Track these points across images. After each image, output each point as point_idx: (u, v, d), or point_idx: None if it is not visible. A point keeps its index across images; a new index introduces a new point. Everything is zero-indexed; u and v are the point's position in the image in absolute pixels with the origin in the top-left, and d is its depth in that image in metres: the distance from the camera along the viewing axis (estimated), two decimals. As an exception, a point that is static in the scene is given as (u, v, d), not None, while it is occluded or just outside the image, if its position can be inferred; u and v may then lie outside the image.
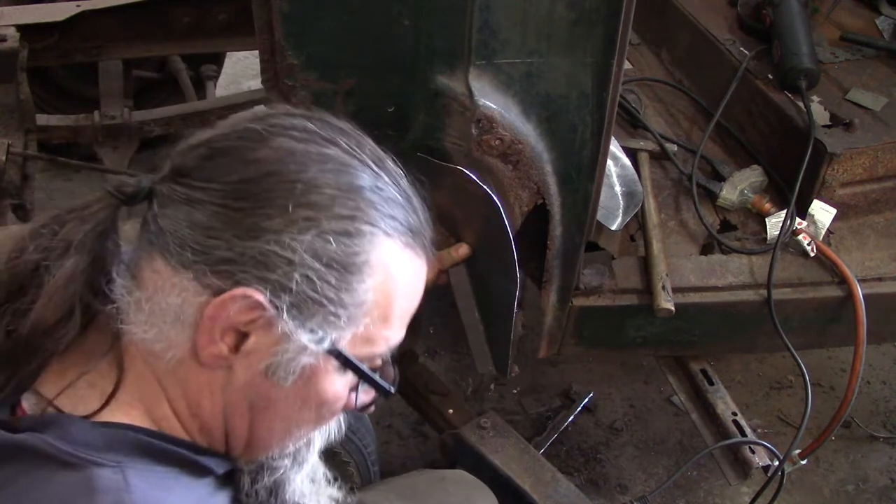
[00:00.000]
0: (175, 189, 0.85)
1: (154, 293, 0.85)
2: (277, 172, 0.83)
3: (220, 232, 0.83)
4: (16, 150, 2.18)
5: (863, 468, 2.56)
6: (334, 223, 0.83)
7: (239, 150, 0.85)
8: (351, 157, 0.87)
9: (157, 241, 0.85)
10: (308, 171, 0.84)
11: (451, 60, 1.40)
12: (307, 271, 0.82)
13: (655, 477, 2.50)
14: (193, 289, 0.84)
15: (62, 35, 2.55)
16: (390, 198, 0.88)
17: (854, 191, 1.97)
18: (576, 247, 1.63)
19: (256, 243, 0.82)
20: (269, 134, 0.86)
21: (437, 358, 2.82)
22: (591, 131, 1.47)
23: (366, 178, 0.87)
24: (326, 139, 0.87)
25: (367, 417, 1.94)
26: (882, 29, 2.35)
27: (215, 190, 0.83)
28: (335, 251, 0.83)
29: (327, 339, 0.86)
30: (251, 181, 0.83)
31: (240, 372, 0.87)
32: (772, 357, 2.84)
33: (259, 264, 0.82)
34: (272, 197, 0.82)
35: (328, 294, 0.84)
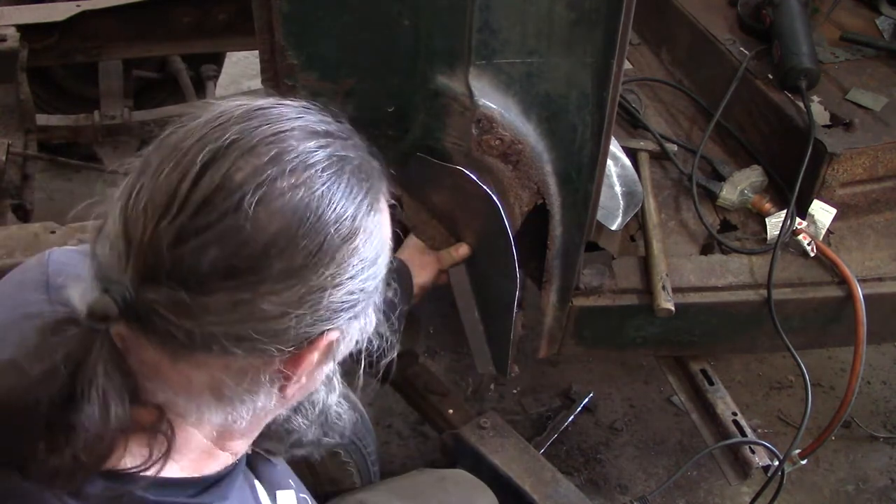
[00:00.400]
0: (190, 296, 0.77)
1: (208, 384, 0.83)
2: (304, 234, 0.79)
3: (280, 313, 0.80)
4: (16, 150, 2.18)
5: (863, 468, 2.56)
6: (367, 232, 0.84)
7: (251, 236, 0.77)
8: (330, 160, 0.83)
9: (189, 343, 0.79)
10: (325, 212, 0.80)
11: (451, 60, 1.40)
12: (362, 285, 0.85)
13: (655, 477, 2.50)
14: (263, 363, 0.83)
15: (62, 35, 2.55)
16: (362, 163, 0.86)
17: (854, 191, 1.97)
18: (576, 247, 1.63)
19: (322, 301, 0.81)
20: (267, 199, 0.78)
21: (437, 358, 2.82)
22: (591, 131, 1.47)
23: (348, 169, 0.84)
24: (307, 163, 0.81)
25: (367, 417, 1.94)
26: (882, 29, 2.35)
27: (255, 285, 0.78)
28: (370, 252, 0.85)
29: (371, 314, 0.91)
30: (288, 258, 0.79)
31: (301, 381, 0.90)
32: (772, 357, 2.84)
33: (328, 313, 0.83)
34: (315, 257, 0.80)
35: (373, 286, 0.88)
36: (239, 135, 0.80)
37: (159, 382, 0.83)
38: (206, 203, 0.77)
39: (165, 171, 0.79)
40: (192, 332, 0.78)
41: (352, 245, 0.82)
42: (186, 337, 0.79)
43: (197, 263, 0.77)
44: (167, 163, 0.79)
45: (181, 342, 0.79)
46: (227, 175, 0.77)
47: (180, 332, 0.78)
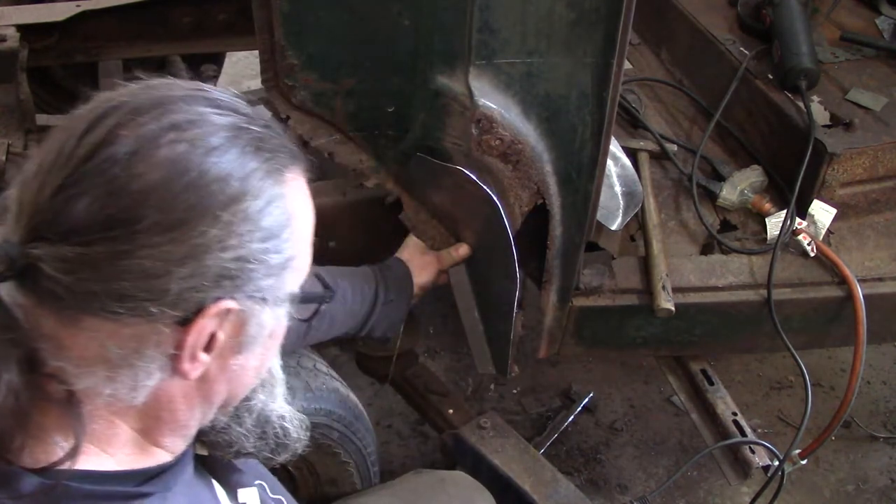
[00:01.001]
0: (74, 252, 0.77)
1: (101, 355, 0.81)
2: (185, 187, 0.78)
3: (162, 272, 0.78)
4: (16, 150, 2.18)
5: (863, 468, 2.56)
6: (258, 200, 0.82)
7: (126, 185, 0.77)
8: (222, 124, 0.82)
9: (74, 305, 0.78)
10: (208, 168, 0.79)
11: (451, 60, 1.40)
12: (258, 256, 0.82)
13: (655, 477, 2.50)
14: (151, 330, 0.81)
15: (62, 35, 2.55)
16: (266, 137, 0.85)
17: (854, 191, 1.97)
18: (576, 247, 1.63)
19: (206, 261, 0.79)
20: (145, 151, 0.78)
21: (437, 358, 2.82)
22: (591, 131, 1.47)
23: (245, 137, 0.83)
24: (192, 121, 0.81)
25: (367, 418, 1.94)
26: (882, 29, 2.35)
27: (133, 235, 0.77)
28: (269, 224, 0.83)
29: (283, 297, 0.88)
30: (168, 210, 0.77)
31: (213, 366, 0.87)
32: (772, 357, 2.84)
33: (218, 277, 0.80)
34: (196, 212, 0.78)
35: (277, 262, 0.85)
36: (130, 97, 0.82)
37: (59, 355, 0.81)
38: (88, 157, 0.78)
39: (56, 136, 0.81)
40: (74, 289, 0.77)
41: (239, 207, 0.80)
42: (70, 295, 0.78)
43: (74, 214, 0.77)
44: (60, 130, 0.81)
45: (67, 303, 0.78)
46: (112, 131, 0.79)
47: (64, 290, 0.78)
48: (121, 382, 0.82)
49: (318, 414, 1.75)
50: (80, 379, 0.81)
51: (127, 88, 0.84)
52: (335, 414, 1.81)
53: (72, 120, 0.82)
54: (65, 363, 0.81)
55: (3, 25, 2.35)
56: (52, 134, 0.82)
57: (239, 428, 1.02)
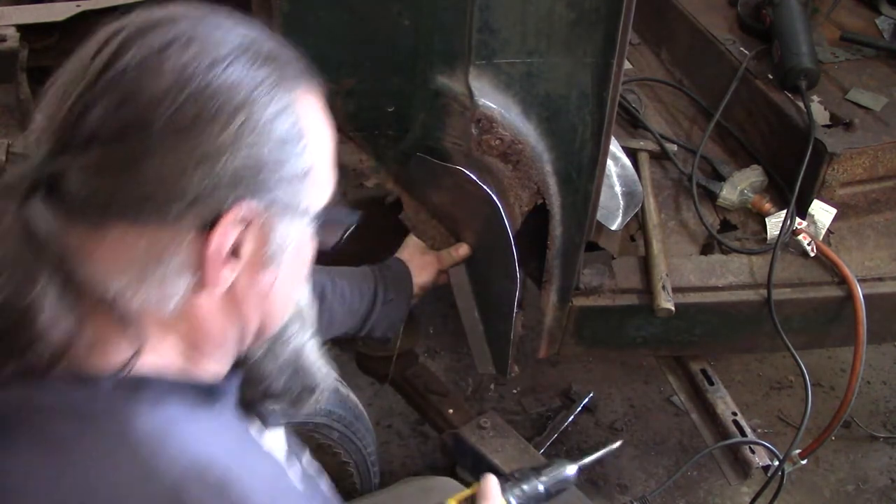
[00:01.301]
0: (94, 157, 0.81)
1: (128, 260, 0.84)
2: (194, 93, 0.81)
3: (178, 173, 0.81)
4: (16, 151, 2.18)
5: (863, 468, 2.56)
6: (268, 108, 0.84)
7: (137, 92, 0.81)
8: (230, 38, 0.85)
9: (99, 212, 0.82)
10: (216, 75, 0.82)
11: (451, 60, 1.40)
12: (272, 164, 0.85)
13: (655, 477, 2.50)
14: (173, 235, 0.83)
15: (62, 35, 2.54)
16: (276, 53, 0.88)
17: (854, 191, 1.97)
18: (576, 247, 1.63)
19: (221, 164, 0.82)
20: (152, 61, 0.82)
21: (437, 358, 2.82)
22: (591, 131, 1.47)
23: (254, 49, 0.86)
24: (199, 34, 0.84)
25: (367, 417, 1.94)
26: (882, 29, 2.35)
27: (148, 139, 0.80)
28: (280, 132, 0.85)
29: (307, 208, 0.90)
30: (177, 114, 0.80)
31: (243, 280, 0.89)
32: (772, 357, 2.84)
33: (233, 181, 0.83)
34: (205, 116, 0.81)
35: (293, 171, 0.87)
36: (136, 17, 0.87)
37: (87, 264, 0.84)
38: (101, 71, 0.82)
39: (73, 58, 0.85)
40: (97, 195, 0.81)
41: (248, 113, 0.82)
42: (94, 202, 0.81)
43: (91, 122, 0.80)
44: (76, 54, 0.86)
45: (92, 210, 0.82)
46: (122, 45, 0.83)
47: (88, 198, 0.81)
48: (150, 284, 0.85)
49: (317, 414, 1.74)
50: (110, 286, 0.84)
51: (135, 13, 0.88)
52: (335, 414, 1.81)
53: (87, 43, 0.86)
54: (94, 270, 0.84)
55: (3, 25, 2.35)
56: (68, 60, 0.86)
57: (273, 363, 1.04)
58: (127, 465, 0.82)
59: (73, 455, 0.82)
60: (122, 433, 0.83)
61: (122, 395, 0.84)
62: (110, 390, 0.84)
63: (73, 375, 0.84)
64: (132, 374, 0.85)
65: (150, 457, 0.82)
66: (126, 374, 0.85)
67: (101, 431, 0.83)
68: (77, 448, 0.83)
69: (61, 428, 0.83)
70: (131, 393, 0.85)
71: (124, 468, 0.82)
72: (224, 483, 0.82)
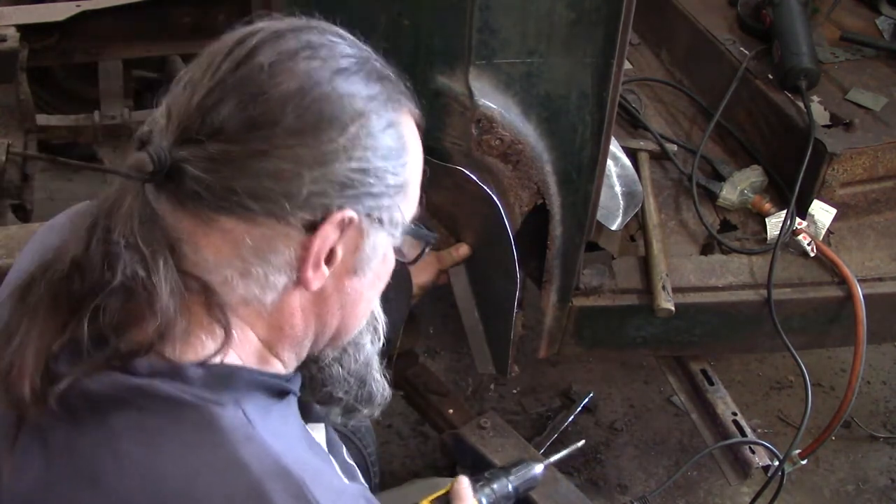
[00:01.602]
0: (218, 149, 0.84)
1: (236, 253, 0.87)
2: (319, 98, 0.85)
3: (294, 173, 0.84)
4: (16, 150, 2.18)
5: (863, 468, 2.56)
6: (381, 120, 0.89)
7: (268, 90, 0.84)
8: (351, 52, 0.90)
9: (214, 203, 0.85)
10: (340, 84, 0.86)
11: (451, 60, 1.40)
12: (378, 173, 0.89)
13: (655, 477, 2.50)
14: (280, 233, 0.87)
15: (62, 35, 2.55)
16: (387, 73, 0.93)
17: (854, 191, 1.97)
18: (576, 247, 1.63)
19: (334, 167, 0.85)
20: (285, 63, 0.86)
21: (437, 358, 2.82)
22: (591, 131, 1.47)
23: (370, 65, 0.91)
24: (325, 44, 0.89)
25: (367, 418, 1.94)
26: (882, 29, 2.36)
27: (272, 136, 0.84)
28: (389, 144, 0.90)
29: (399, 220, 0.94)
30: (302, 116, 0.84)
31: (330, 283, 0.93)
32: (772, 357, 2.84)
33: (342, 185, 0.86)
34: (327, 120, 0.85)
35: (394, 182, 0.91)
36: (269, 24, 0.90)
37: (194, 254, 0.87)
38: (233, 69, 0.85)
39: (203, 57, 0.88)
40: (215, 186, 0.84)
41: (364, 122, 0.87)
42: (210, 193, 0.84)
43: (220, 115, 0.84)
44: (206, 52, 0.89)
45: (206, 202, 0.85)
46: (255, 48, 0.86)
47: (205, 189, 0.84)
48: (252, 281, 0.89)
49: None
50: (215, 276, 0.88)
51: (264, 20, 0.92)
52: (335, 414, 1.80)
53: (216, 44, 0.89)
54: (202, 260, 0.87)
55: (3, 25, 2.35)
56: (198, 57, 0.90)
57: (341, 369, 1.07)
58: (213, 456, 0.85)
59: (164, 444, 0.85)
60: (209, 424, 0.85)
61: (209, 387, 0.87)
62: (199, 382, 0.87)
63: (165, 364, 0.87)
64: (218, 366, 0.89)
65: (236, 449, 0.85)
66: (213, 365, 0.88)
67: (190, 421, 0.86)
68: (168, 437, 0.85)
69: (155, 418, 0.86)
70: (218, 385, 0.87)
71: (210, 458, 0.85)
72: (302, 484, 0.85)
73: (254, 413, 0.88)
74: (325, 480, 0.89)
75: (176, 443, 0.85)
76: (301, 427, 0.98)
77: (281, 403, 0.95)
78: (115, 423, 0.86)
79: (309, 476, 0.86)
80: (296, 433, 0.95)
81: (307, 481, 0.85)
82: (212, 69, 0.86)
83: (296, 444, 0.92)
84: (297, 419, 0.98)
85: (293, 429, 0.95)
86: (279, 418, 0.92)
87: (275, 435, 0.88)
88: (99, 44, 2.66)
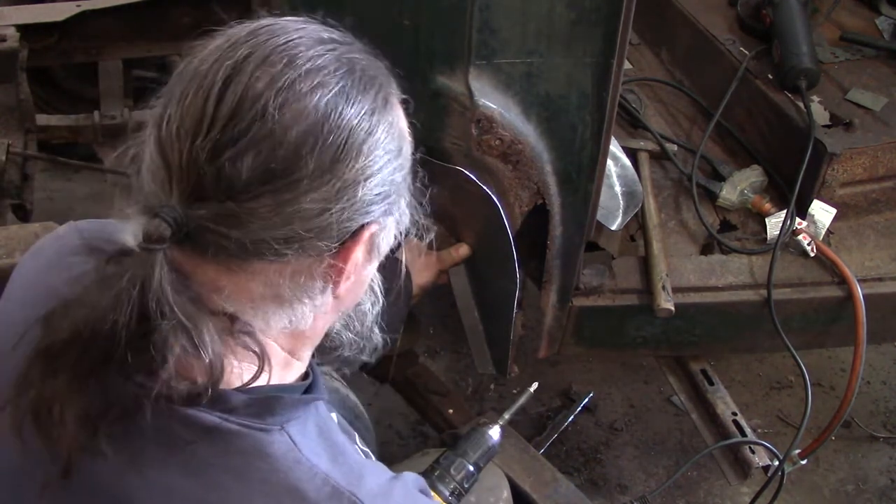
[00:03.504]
0: (244, 207, 0.81)
1: (271, 291, 0.87)
2: (331, 130, 0.83)
3: (322, 209, 0.84)
4: (16, 150, 2.18)
5: (863, 468, 2.56)
6: (382, 130, 0.88)
7: (282, 137, 0.81)
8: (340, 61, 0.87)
9: (242, 253, 0.84)
10: (345, 108, 0.85)
11: (451, 60, 1.40)
12: (391, 175, 0.90)
13: (655, 477, 2.50)
14: (314, 262, 0.87)
15: (62, 35, 2.55)
16: (370, 65, 0.92)
17: (854, 191, 1.97)
18: (576, 247, 1.63)
19: (357, 193, 0.86)
20: (291, 102, 0.82)
21: (437, 358, 2.82)
22: (591, 131, 1.47)
23: (359, 69, 0.89)
24: (319, 67, 0.85)
25: (367, 417, 1.94)
26: (882, 29, 2.35)
27: (291, 186, 0.82)
28: (393, 143, 0.90)
29: (403, 206, 0.95)
30: (321, 153, 0.83)
31: (352, 279, 0.94)
32: (772, 357, 2.84)
33: (366, 206, 0.87)
34: (344, 151, 0.84)
35: (401, 176, 0.93)
36: (251, 49, 0.85)
37: (223, 298, 0.87)
38: (234, 116, 0.81)
39: (189, 96, 0.83)
40: (243, 240, 0.82)
41: (375, 138, 0.87)
42: (239, 247, 0.83)
43: (236, 173, 0.80)
44: (189, 88, 0.83)
45: (234, 253, 0.83)
46: (248, 86, 0.82)
47: (232, 244, 0.83)
48: (294, 311, 0.90)
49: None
50: (248, 315, 0.88)
51: (238, 34, 0.87)
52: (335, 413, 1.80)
53: (199, 78, 0.84)
54: (236, 305, 0.87)
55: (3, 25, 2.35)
56: (180, 77, 0.85)
57: (349, 333, 1.09)
58: (266, 485, 0.86)
59: (215, 476, 0.86)
60: (258, 452, 0.86)
61: (253, 413, 0.88)
62: (243, 408, 0.87)
63: (210, 396, 0.86)
64: (259, 389, 0.89)
65: (287, 476, 0.86)
66: (254, 389, 0.89)
67: (239, 450, 0.86)
68: (218, 469, 0.86)
69: (202, 450, 0.86)
70: (262, 410, 0.88)
71: (265, 487, 0.86)
72: (355, 500, 0.88)
73: (297, 434, 0.89)
74: (370, 484, 0.91)
75: (227, 474, 0.86)
76: (336, 430, 0.99)
77: (313, 411, 0.96)
78: (167, 459, 0.87)
79: (356, 487, 0.89)
80: (333, 436, 0.96)
81: (357, 493, 0.88)
82: (209, 115, 0.81)
83: (336, 451, 0.93)
84: (329, 422, 0.99)
85: (330, 432, 0.96)
86: (315, 430, 0.93)
87: (317, 452, 0.90)
88: (99, 44, 2.66)
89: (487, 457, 1.42)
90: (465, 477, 1.35)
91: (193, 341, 0.82)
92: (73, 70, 3.05)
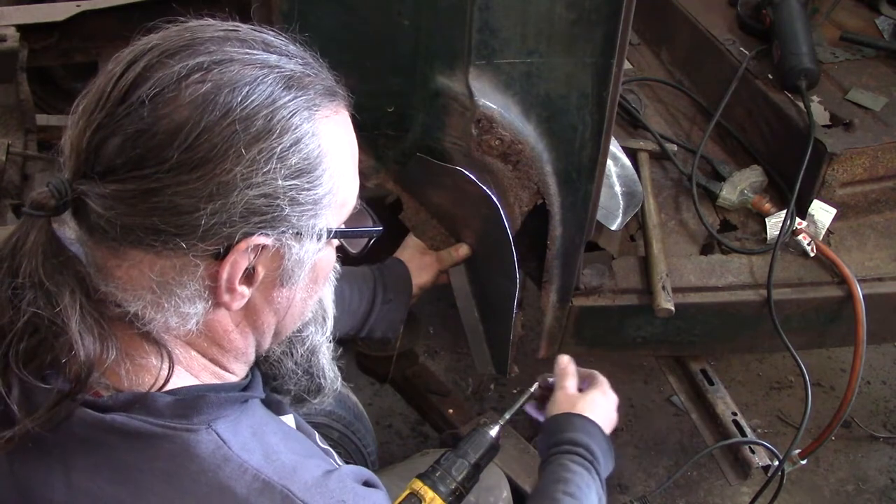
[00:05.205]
0: (110, 188, 0.82)
1: (145, 285, 0.86)
2: (209, 127, 0.81)
3: (191, 207, 0.82)
4: (16, 150, 2.18)
5: (863, 468, 2.57)
6: (284, 138, 0.84)
7: (152, 125, 0.80)
8: (251, 64, 0.85)
9: (117, 237, 0.84)
10: (233, 108, 0.82)
11: (451, 60, 1.40)
12: (287, 192, 0.85)
13: (655, 477, 2.50)
14: (185, 264, 0.85)
15: (62, 35, 2.55)
16: (299, 76, 0.87)
17: (854, 191, 1.97)
18: (576, 247, 1.63)
19: (232, 198, 0.82)
20: (170, 92, 0.81)
21: (437, 358, 2.82)
22: (591, 131, 1.47)
23: (273, 76, 0.85)
24: (220, 61, 0.84)
25: (367, 417, 1.94)
26: (882, 29, 2.36)
27: (161, 174, 0.81)
28: (298, 161, 0.85)
29: (322, 231, 0.91)
30: (191, 150, 0.80)
31: (258, 298, 0.92)
32: (772, 357, 2.84)
33: (246, 213, 0.84)
34: (220, 150, 0.81)
35: (309, 198, 0.87)
36: (163, 40, 0.86)
37: (108, 282, 0.87)
38: (122, 101, 0.82)
39: (99, 78, 0.86)
40: (115, 222, 0.83)
41: (264, 145, 0.82)
42: (112, 228, 0.83)
43: (108, 153, 0.82)
44: (103, 72, 0.86)
45: (111, 235, 0.84)
46: (141, 73, 0.83)
47: (106, 224, 0.83)
48: (167, 309, 0.88)
49: (317, 414, 1.74)
50: (130, 303, 0.87)
51: (163, 31, 0.88)
52: (335, 414, 1.81)
53: (113, 63, 0.86)
54: (113, 288, 0.87)
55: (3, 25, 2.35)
56: (100, 72, 0.87)
57: (289, 362, 1.08)
58: (194, 485, 0.85)
59: (143, 481, 0.85)
60: (185, 453, 0.86)
61: (179, 414, 0.87)
62: (168, 410, 0.87)
63: (129, 394, 0.87)
64: (185, 389, 0.89)
65: (216, 474, 0.85)
66: (180, 390, 0.88)
67: (166, 453, 0.86)
68: (145, 473, 0.85)
69: (130, 456, 0.86)
70: (188, 410, 0.87)
71: (193, 487, 0.85)
72: (287, 493, 0.86)
73: (225, 431, 0.88)
74: (305, 477, 0.89)
75: (157, 479, 0.85)
76: (271, 424, 0.97)
77: (247, 411, 0.94)
78: (82, 463, 0.86)
79: (289, 480, 0.87)
80: (268, 436, 0.94)
81: (290, 486, 0.86)
82: (103, 98, 0.83)
83: (269, 449, 0.91)
84: (266, 417, 0.98)
85: (264, 432, 0.94)
86: (248, 428, 0.92)
87: (248, 449, 0.88)
88: (99, 44, 2.66)
89: (488, 457, 1.42)
90: (467, 477, 1.36)
91: (52, 303, 0.83)
92: (73, 70, 3.05)
